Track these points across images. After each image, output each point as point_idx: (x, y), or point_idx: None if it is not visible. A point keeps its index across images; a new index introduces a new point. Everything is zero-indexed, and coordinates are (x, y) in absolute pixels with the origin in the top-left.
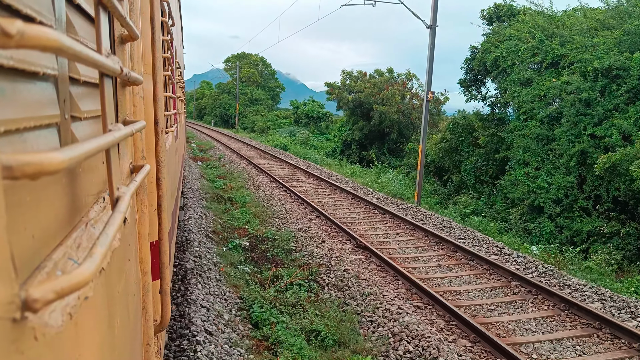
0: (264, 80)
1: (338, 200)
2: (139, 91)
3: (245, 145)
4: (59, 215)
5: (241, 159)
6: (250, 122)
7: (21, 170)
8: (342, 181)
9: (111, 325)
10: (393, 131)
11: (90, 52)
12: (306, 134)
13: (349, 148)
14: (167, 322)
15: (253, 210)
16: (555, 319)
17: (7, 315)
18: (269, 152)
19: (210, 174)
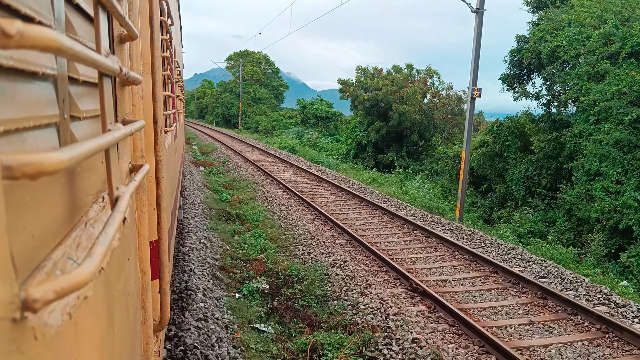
0: (267, 79)
1: (367, 217)
2: (138, 90)
3: (250, 147)
4: (59, 214)
5: (247, 163)
6: (254, 122)
7: (21, 170)
8: (365, 191)
9: (111, 325)
10: (413, 133)
11: (89, 52)
12: (315, 135)
13: (363, 151)
14: (167, 322)
15: (269, 233)
16: None
17: (7, 315)
18: (277, 155)
19: (214, 182)
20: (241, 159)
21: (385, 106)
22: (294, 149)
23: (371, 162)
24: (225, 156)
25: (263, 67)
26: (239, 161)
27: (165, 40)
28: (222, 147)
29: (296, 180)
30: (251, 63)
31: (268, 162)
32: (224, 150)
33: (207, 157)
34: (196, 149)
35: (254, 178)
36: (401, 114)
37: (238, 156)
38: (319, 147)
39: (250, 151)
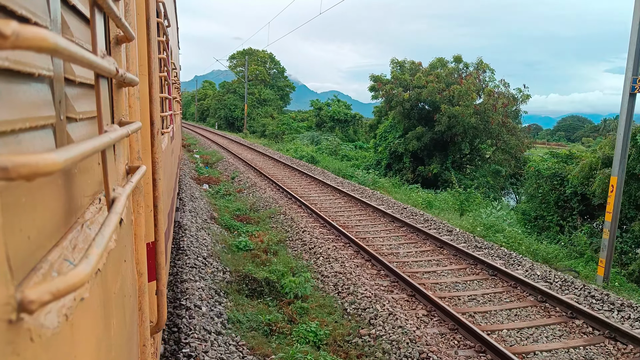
0: (272, 79)
1: (478, 286)
2: (134, 92)
3: (261, 156)
4: (55, 216)
5: (262, 178)
6: (260, 125)
7: (17, 172)
8: (437, 226)
9: (107, 327)
10: (464, 140)
11: (85, 53)
12: (336, 141)
13: (398, 161)
14: (164, 323)
15: (331, 330)
16: None
17: (3, 317)
18: (296, 167)
19: (224, 211)
20: (253, 172)
21: (430, 107)
22: (313, 159)
23: (409, 175)
24: (233, 168)
25: (268, 67)
26: (251, 176)
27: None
28: (228, 156)
29: (333, 206)
30: (255, 62)
31: (287, 177)
32: (230, 159)
33: (212, 171)
34: (198, 159)
35: (275, 203)
36: (451, 117)
37: (249, 168)
38: (341, 156)
39: (262, 161)
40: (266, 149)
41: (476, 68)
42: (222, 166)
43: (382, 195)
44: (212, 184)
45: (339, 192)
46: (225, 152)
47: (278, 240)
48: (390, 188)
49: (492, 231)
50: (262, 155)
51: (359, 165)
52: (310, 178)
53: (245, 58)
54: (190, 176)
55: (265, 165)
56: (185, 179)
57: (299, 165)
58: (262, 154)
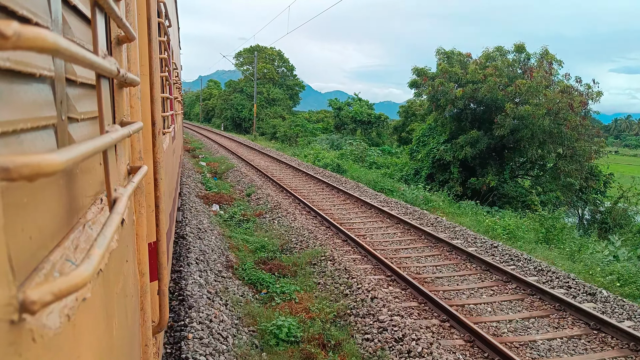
0: (281, 78)
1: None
2: (136, 92)
3: (277, 163)
4: (57, 216)
5: (285, 194)
6: (270, 126)
7: (18, 172)
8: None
9: (109, 327)
10: (531, 146)
11: (86, 54)
12: (362, 145)
13: (443, 171)
14: (166, 323)
15: None
16: None
17: (5, 317)
18: (322, 179)
19: (244, 250)
20: (272, 185)
21: (491, 106)
22: (339, 167)
23: (457, 187)
24: (247, 181)
25: (276, 65)
26: (271, 191)
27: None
28: (238, 163)
29: (391, 242)
30: (263, 60)
31: (315, 193)
32: (242, 168)
33: (222, 184)
34: (205, 167)
35: (313, 237)
36: (520, 118)
37: (266, 180)
38: (368, 163)
39: (279, 170)
40: (280, 154)
41: (540, 59)
42: (233, 177)
43: (447, 221)
44: (224, 204)
45: (389, 217)
46: (234, 158)
47: (335, 313)
48: (448, 208)
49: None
50: (277, 162)
51: (391, 174)
52: (344, 194)
53: (253, 55)
54: (197, 193)
55: (284, 176)
56: (191, 197)
57: (325, 175)
58: (278, 160)
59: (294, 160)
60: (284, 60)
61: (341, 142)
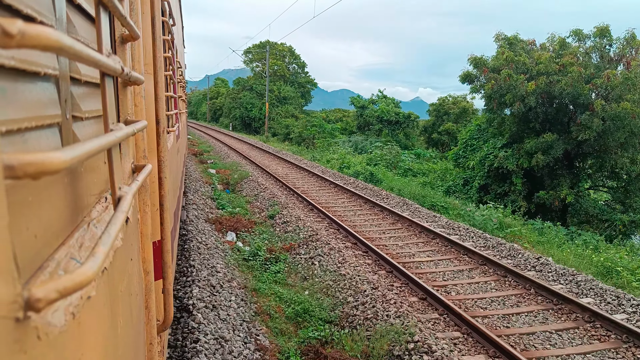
0: (291, 75)
1: None
2: (140, 91)
3: (298, 170)
4: (61, 215)
5: (318, 216)
6: (283, 126)
7: (23, 170)
8: None
9: (114, 325)
10: (623, 153)
11: (91, 52)
12: (395, 149)
13: (501, 182)
14: (170, 322)
15: None
16: None
17: (10, 315)
18: (355, 191)
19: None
20: (298, 201)
21: (567, 104)
22: (372, 176)
23: (521, 202)
24: (268, 195)
25: (287, 61)
26: (299, 211)
27: (167, 40)
28: (253, 170)
29: (491, 301)
30: (273, 56)
31: (354, 213)
32: (258, 176)
33: (237, 199)
34: (214, 176)
35: (380, 296)
36: (613, 118)
37: (289, 193)
38: (402, 169)
39: (302, 179)
40: (298, 158)
41: (624, 45)
42: (249, 189)
43: (547, 259)
44: (242, 231)
45: (465, 252)
46: (247, 163)
47: None
48: (531, 235)
49: None
50: (297, 168)
51: (431, 183)
52: (392, 215)
53: (263, 50)
54: (207, 215)
55: (310, 188)
56: (199, 223)
57: (358, 187)
58: (297, 166)
59: (316, 167)
60: (295, 57)
61: (366, 144)
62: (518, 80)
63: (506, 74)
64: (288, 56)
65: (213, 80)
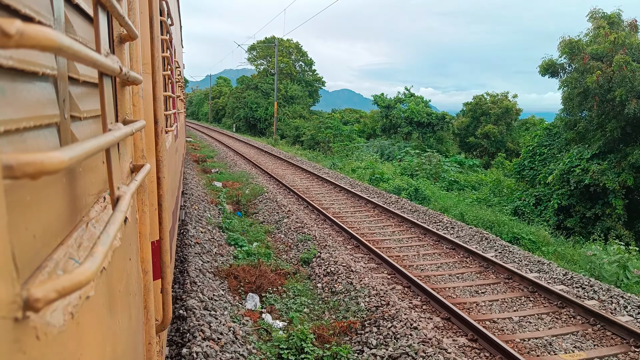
0: (299, 73)
1: None
2: (138, 90)
3: (320, 183)
4: (60, 214)
5: (367, 256)
6: (292, 128)
7: (22, 170)
8: None
9: (113, 325)
10: None
11: (89, 52)
12: (436, 156)
13: (590, 203)
14: (169, 322)
15: None
16: None
17: (9, 315)
18: (409, 219)
19: None
20: (337, 233)
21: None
22: (417, 192)
23: (621, 230)
24: (294, 223)
25: (294, 59)
26: (345, 254)
27: (165, 40)
28: (268, 183)
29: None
30: (279, 53)
31: (417, 253)
32: (275, 192)
33: (252, 226)
34: (220, 190)
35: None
36: None
37: (321, 219)
38: (447, 182)
39: (330, 195)
40: (317, 166)
41: None
42: (266, 211)
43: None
44: (267, 291)
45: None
46: (259, 172)
47: None
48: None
49: None
50: (320, 180)
51: (487, 201)
52: (473, 257)
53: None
54: (213, 262)
55: (343, 209)
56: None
57: (406, 209)
58: (319, 177)
59: (341, 178)
60: (302, 54)
61: (393, 149)
62: (637, 70)
63: (621, 61)
64: (295, 53)
65: (215, 79)
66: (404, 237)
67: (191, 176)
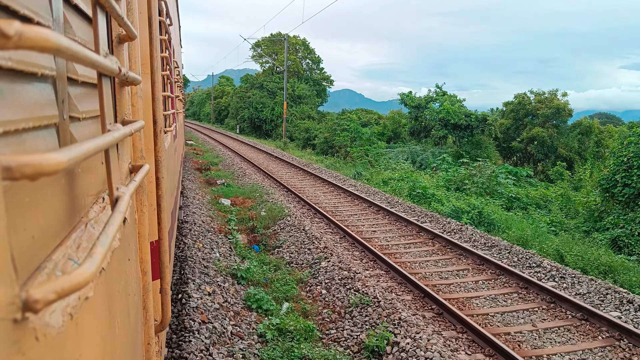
0: (306, 71)
1: None
2: (137, 91)
3: (349, 199)
4: (59, 215)
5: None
6: (301, 130)
7: (20, 171)
8: None
9: (112, 325)
10: None
11: (88, 53)
12: (489, 167)
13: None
14: (168, 322)
15: None
16: None
17: (8, 316)
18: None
19: None
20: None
21: None
22: (480, 216)
23: None
24: (337, 268)
25: (301, 56)
26: (435, 338)
27: (164, 40)
28: (287, 200)
29: None
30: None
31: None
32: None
33: (276, 270)
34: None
35: None
36: None
37: (367, 258)
38: (506, 198)
39: (369, 219)
40: (339, 176)
41: None
42: (293, 245)
43: None
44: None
45: None
46: (273, 184)
47: None
48: None
49: None
50: (349, 196)
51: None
52: None
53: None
54: None
55: (394, 244)
56: None
57: (479, 243)
58: (347, 192)
59: (375, 193)
60: (310, 51)
61: (426, 156)
62: None
63: None
64: (302, 50)
65: (217, 79)
66: (501, 296)
67: (193, 191)
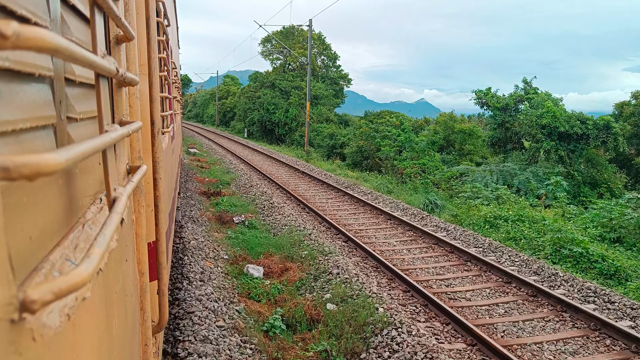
0: (321, 69)
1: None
2: (135, 92)
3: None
4: (56, 216)
5: None
6: (325, 137)
7: (18, 172)
8: None
9: (109, 326)
10: None
11: (85, 53)
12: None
13: None
14: (165, 323)
15: None
16: None
17: (5, 317)
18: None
19: None
20: None
21: None
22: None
23: None
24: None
25: (316, 52)
26: None
27: (162, 41)
28: (359, 267)
29: None
30: (299, 45)
31: None
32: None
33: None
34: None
35: None
36: None
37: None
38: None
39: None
40: (404, 207)
41: None
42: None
43: None
44: None
45: None
46: (319, 224)
47: None
48: None
49: None
50: (457, 257)
51: None
52: None
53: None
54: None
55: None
56: None
57: None
58: (450, 246)
59: (491, 247)
60: (326, 47)
61: (526, 178)
62: None
63: None
64: (317, 45)
65: (221, 78)
66: None
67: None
